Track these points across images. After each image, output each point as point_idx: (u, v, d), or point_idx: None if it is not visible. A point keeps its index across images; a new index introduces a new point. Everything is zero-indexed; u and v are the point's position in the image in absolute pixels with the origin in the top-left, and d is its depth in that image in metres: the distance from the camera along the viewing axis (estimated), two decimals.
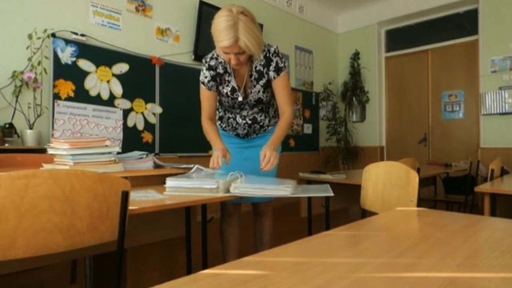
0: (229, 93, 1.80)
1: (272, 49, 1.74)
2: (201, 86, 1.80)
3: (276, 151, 1.66)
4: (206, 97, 1.81)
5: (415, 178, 1.37)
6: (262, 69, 1.75)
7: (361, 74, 6.09)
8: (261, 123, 1.91)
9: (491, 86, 4.79)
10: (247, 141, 1.94)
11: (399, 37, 5.98)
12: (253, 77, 1.77)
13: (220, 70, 1.76)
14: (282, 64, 1.75)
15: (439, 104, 5.53)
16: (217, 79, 1.78)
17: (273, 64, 1.73)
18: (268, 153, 1.61)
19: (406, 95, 5.90)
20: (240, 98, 1.80)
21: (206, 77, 1.77)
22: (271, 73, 1.75)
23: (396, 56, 6.01)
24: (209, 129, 1.79)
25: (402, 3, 5.61)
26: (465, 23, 5.27)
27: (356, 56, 6.13)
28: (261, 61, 1.74)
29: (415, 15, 5.61)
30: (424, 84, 5.69)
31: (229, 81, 1.79)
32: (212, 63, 1.76)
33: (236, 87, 1.78)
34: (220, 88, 1.81)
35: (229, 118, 1.92)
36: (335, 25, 6.39)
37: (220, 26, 1.49)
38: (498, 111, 4.71)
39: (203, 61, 1.79)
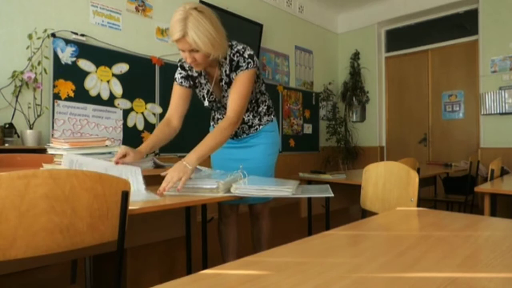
0: (205, 96, 1.79)
1: (235, 49, 1.64)
2: (174, 84, 1.78)
3: (187, 172, 1.35)
4: (175, 93, 1.78)
5: (415, 178, 1.37)
6: (229, 73, 1.70)
7: (361, 74, 6.09)
8: (249, 123, 1.87)
9: (491, 86, 4.78)
10: (238, 141, 1.92)
11: (399, 37, 5.98)
12: (223, 82, 1.73)
13: (194, 73, 1.75)
14: (243, 64, 1.64)
15: (439, 104, 5.53)
16: (190, 80, 1.76)
17: (234, 63, 1.66)
18: (169, 175, 1.32)
19: (406, 95, 5.89)
20: (206, 103, 1.80)
21: (180, 73, 1.76)
22: (232, 74, 1.68)
23: (396, 56, 6.01)
24: (155, 131, 1.79)
25: (402, 3, 5.61)
26: (465, 23, 5.27)
27: (356, 56, 6.13)
28: (228, 65, 1.68)
29: (415, 15, 5.61)
30: (424, 84, 5.69)
31: (204, 84, 1.78)
32: (186, 65, 1.75)
33: (211, 91, 1.77)
34: (197, 91, 1.81)
35: (218, 119, 1.93)
36: (335, 25, 6.39)
37: (171, 21, 1.48)
38: (498, 111, 4.71)
39: (178, 60, 1.79)
